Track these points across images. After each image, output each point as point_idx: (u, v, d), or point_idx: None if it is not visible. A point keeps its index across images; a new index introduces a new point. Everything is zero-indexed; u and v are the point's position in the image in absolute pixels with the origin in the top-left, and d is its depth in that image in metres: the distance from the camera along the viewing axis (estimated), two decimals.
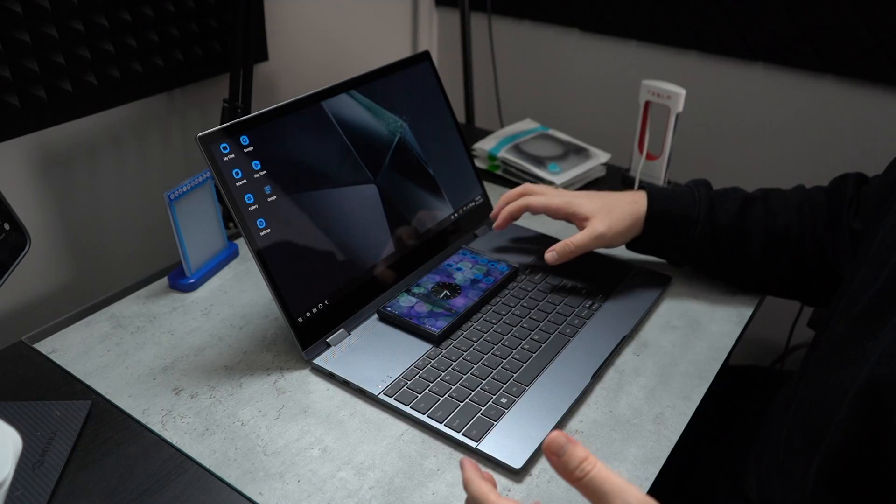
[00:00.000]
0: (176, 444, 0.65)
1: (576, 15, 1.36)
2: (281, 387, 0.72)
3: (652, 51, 1.31)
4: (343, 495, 0.60)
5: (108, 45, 0.92)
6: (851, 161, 1.18)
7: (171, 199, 0.80)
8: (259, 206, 0.72)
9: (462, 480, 0.49)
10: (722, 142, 1.30)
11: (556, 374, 0.72)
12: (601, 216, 0.82)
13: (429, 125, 0.92)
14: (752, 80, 1.23)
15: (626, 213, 0.82)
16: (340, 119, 0.81)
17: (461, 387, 0.70)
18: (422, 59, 0.93)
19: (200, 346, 0.77)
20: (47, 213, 0.93)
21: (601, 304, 0.82)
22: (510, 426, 0.66)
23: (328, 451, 0.64)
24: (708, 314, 0.83)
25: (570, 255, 0.82)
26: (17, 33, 0.83)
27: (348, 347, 0.75)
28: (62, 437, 0.64)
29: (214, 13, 1.04)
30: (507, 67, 1.49)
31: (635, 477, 0.63)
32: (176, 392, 0.71)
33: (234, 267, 0.91)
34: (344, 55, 1.33)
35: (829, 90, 1.17)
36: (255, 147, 0.73)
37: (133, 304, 0.84)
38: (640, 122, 1.09)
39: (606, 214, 0.82)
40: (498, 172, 1.16)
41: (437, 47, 1.58)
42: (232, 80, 0.99)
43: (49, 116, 0.89)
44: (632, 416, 0.69)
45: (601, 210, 0.83)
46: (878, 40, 1.09)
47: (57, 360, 0.75)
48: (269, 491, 0.61)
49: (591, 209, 0.83)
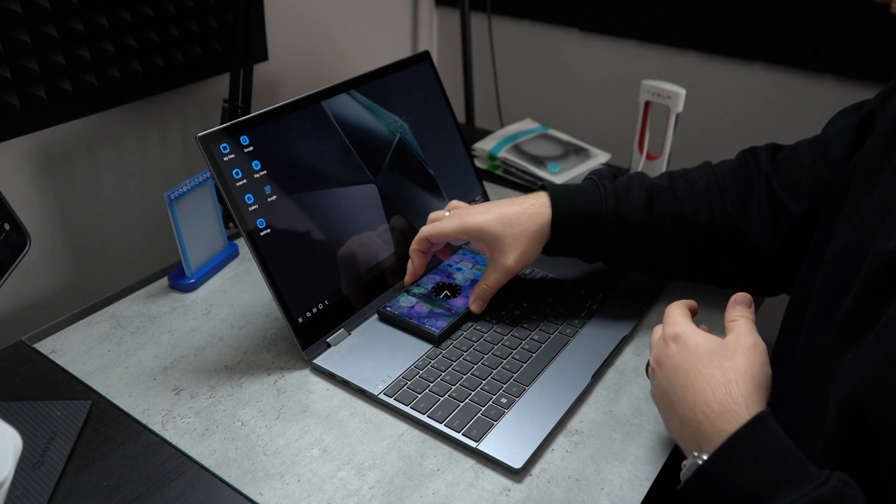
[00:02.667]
0: (176, 444, 0.65)
1: (576, 15, 1.36)
2: (281, 387, 0.72)
3: (652, 51, 1.31)
4: (343, 495, 0.60)
5: (108, 45, 0.92)
6: None
7: (171, 199, 0.80)
8: (259, 206, 0.72)
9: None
10: (722, 142, 1.30)
11: (556, 374, 0.72)
12: (505, 241, 0.76)
13: (429, 125, 0.92)
14: (752, 80, 1.23)
15: (527, 228, 0.76)
16: (340, 119, 0.81)
17: (461, 387, 0.70)
18: (422, 59, 0.93)
19: (200, 346, 0.77)
20: (47, 213, 0.93)
21: (601, 304, 0.82)
22: (510, 426, 0.66)
23: (328, 451, 0.64)
24: (707, 314, 0.83)
25: (490, 295, 0.79)
26: (17, 33, 0.83)
27: (348, 347, 0.75)
28: (62, 437, 0.64)
29: (214, 13, 1.04)
30: (507, 67, 1.49)
31: (635, 477, 0.63)
32: (176, 392, 0.71)
33: (234, 267, 0.91)
34: (344, 55, 1.33)
35: (829, 90, 1.17)
36: (255, 147, 0.73)
37: (133, 304, 0.84)
38: (640, 122, 1.09)
39: (505, 227, 0.76)
40: (498, 172, 1.16)
41: (437, 47, 1.58)
42: (232, 80, 0.99)
43: (49, 116, 0.89)
44: (632, 416, 0.69)
45: (497, 222, 0.76)
46: (878, 40, 1.09)
47: (57, 360, 0.75)
48: (269, 491, 0.61)
49: (486, 223, 0.76)
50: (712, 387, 0.55)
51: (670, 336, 0.60)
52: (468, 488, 0.61)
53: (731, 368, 0.56)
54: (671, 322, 0.62)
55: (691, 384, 0.56)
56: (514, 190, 1.12)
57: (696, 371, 0.56)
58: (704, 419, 0.53)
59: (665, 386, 0.59)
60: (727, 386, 0.54)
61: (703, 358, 0.57)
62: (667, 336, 0.61)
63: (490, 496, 0.60)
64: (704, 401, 0.54)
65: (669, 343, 0.60)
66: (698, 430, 0.54)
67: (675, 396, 0.57)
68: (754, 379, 0.55)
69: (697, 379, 0.56)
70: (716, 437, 0.52)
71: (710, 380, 0.55)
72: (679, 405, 0.56)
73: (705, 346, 0.58)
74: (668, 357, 0.59)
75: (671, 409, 0.58)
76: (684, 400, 0.56)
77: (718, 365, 0.56)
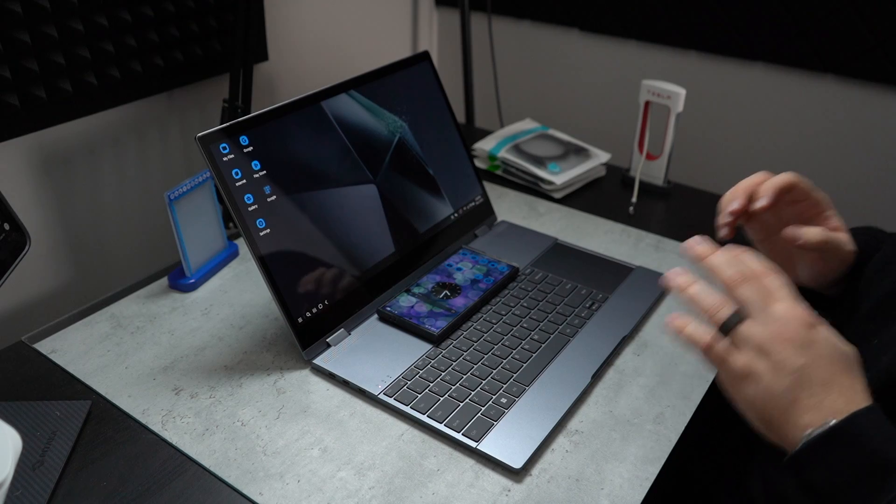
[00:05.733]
0: (176, 444, 0.65)
1: (576, 15, 1.36)
2: (281, 387, 0.72)
3: (652, 51, 1.31)
4: (343, 495, 0.60)
5: (108, 45, 0.92)
6: (851, 161, 1.18)
7: (171, 199, 0.80)
8: (259, 206, 0.72)
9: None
10: (722, 142, 1.30)
11: (556, 374, 0.72)
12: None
13: (429, 125, 0.92)
14: (752, 80, 1.23)
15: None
16: (340, 119, 0.81)
17: (461, 387, 0.70)
18: (421, 59, 0.93)
19: (200, 346, 0.77)
20: (47, 213, 0.93)
21: (601, 304, 0.82)
22: (510, 426, 0.66)
23: (328, 451, 0.64)
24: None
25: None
26: (17, 33, 0.83)
27: (348, 347, 0.75)
28: (62, 437, 0.64)
29: (214, 13, 1.04)
30: (507, 67, 1.49)
31: (635, 477, 0.63)
32: (176, 392, 0.71)
33: (234, 267, 0.91)
34: (344, 55, 1.33)
35: (829, 90, 1.17)
36: (254, 147, 0.73)
37: (133, 304, 0.84)
38: (640, 122, 1.09)
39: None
40: (498, 172, 1.16)
41: (437, 47, 1.58)
42: (232, 80, 0.99)
43: (49, 116, 0.89)
44: (632, 416, 0.69)
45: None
46: (878, 40, 1.09)
47: (57, 360, 0.75)
48: (269, 491, 0.61)
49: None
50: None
51: (809, 322, 0.52)
52: (468, 488, 0.61)
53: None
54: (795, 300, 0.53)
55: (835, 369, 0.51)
56: (514, 190, 1.12)
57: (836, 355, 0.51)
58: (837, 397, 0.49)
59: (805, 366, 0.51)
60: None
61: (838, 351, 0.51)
62: (803, 320, 0.52)
63: (490, 496, 0.60)
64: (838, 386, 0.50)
65: (814, 328, 0.51)
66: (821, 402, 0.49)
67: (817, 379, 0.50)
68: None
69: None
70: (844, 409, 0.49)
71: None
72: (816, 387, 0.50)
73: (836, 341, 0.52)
74: (813, 342, 0.51)
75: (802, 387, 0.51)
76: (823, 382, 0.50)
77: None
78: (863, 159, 1.17)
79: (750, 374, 0.51)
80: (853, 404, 0.49)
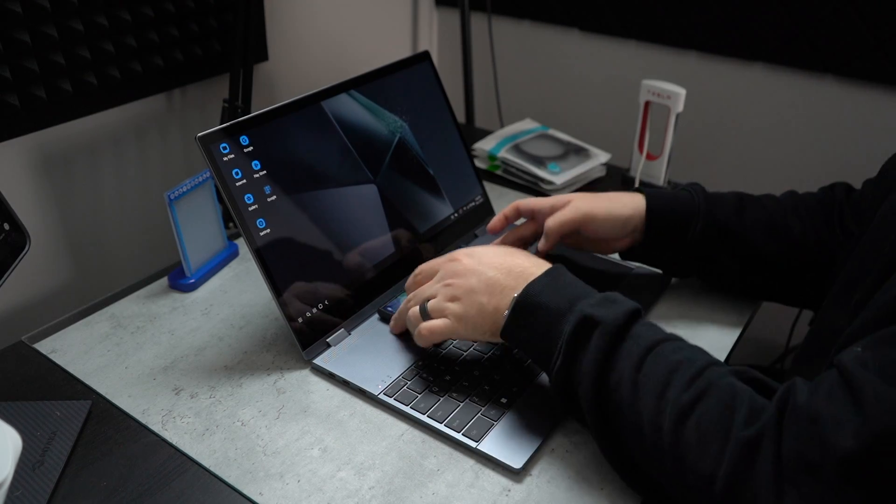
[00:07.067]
0: (176, 444, 0.65)
1: (576, 15, 1.36)
2: (281, 387, 0.72)
3: (652, 51, 1.31)
4: (343, 495, 0.60)
5: (108, 45, 0.92)
6: (851, 161, 1.18)
7: (171, 199, 0.80)
8: (259, 206, 0.72)
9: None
10: (722, 142, 1.30)
11: None
12: (590, 198, 0.81)
13: (429, 125, 0.92)
14: (752, 80, 1.23)
15: (624, 203, 0.80)
16: (340, 119, 0.81)
17: (461, 387, 0.70)
18: (422, 59, 0.93)
19: (200, 346, 0.77)
20: (47, 213, 0.93)
21: None
22: (510, 426, 0.66)
23: (328, 451, 0.64)
24: (708, 314, 0.83)
25: (556, 233, 0.80)
26: (17, 33, 0.83)
27: (348, 347, 0.75)
28: (62, 437, 0.64)
29: (214, 13, 1.04)
30: (507, 67, 1.49)
31: None
32: (176, 392, 0.71)
33: (234, 267, 0.91)
34: (344, 55, 1.33)
35: (829, 90, 1.17)
36: (254, 147, 0.73)
37: (133, 304, 0.84)
38: (640, 122, 1.09)
39: (596, 199, 0.80)
40: (498, 172, 1.16)
41: (437, 47, 1.58)
42: (232, 80, 0.99)
43: (49, 116, 0.89)
44: None
45: (587, 197, 0.81)
46: (878, 40, 1.09)
47: (57, 360, 0.75)
48: (269, 491, 0.61)
49: (577, 196, 0.81)
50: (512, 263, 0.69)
51: (466, 253, 0.71)
52: (468, 488, 0.61)
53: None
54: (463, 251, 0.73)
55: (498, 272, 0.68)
56: (515, 190, 1.12)
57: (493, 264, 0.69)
58: (510, 282, 0.66)
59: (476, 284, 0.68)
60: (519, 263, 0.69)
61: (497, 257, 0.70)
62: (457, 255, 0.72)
63: (490, 496, 0.60)
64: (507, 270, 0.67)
65: (470, 256, 0.71)
66: (504, 290, 0.66)
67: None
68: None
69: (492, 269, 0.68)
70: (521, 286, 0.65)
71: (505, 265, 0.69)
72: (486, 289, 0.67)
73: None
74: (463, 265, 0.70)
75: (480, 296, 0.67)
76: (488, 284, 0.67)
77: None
78: (863, 159, 1.17)
79: (450, 316, 0.67)
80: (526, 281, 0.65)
